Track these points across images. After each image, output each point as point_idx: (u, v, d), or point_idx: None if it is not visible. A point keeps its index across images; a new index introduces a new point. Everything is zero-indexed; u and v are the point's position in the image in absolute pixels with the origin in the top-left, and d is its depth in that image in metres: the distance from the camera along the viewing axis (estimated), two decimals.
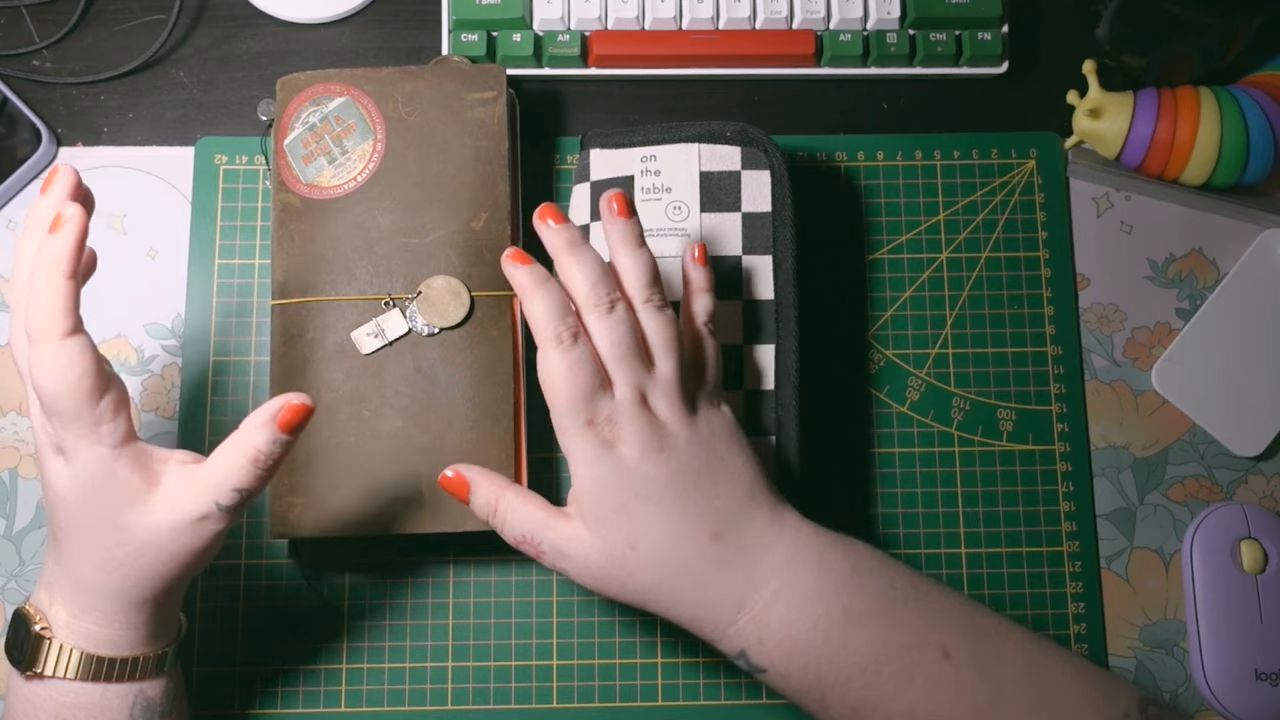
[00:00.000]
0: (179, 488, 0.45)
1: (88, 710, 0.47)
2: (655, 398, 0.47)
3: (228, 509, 0.45)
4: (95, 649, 0.47)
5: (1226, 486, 0.62)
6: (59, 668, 0.46)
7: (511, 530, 0.48)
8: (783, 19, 0.64)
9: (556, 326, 0.47)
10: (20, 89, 0.65)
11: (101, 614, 0.47)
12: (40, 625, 0.47)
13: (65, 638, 0.47)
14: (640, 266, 0.49)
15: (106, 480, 0.45)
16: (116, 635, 0.47)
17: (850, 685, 0.46)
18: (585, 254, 0.48)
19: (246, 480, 0.45)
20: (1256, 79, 0.63)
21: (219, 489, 0.45)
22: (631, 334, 0.47)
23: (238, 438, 0.45)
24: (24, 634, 0.47)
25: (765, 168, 0.57)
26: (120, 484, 0.45)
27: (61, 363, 0.43)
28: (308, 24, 0.66)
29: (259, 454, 0.45)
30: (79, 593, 0.47)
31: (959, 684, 0.45)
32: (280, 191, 0.57)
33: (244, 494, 0.45)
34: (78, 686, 0.47)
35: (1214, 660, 0.59)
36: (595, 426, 0.46)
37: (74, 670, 0.46)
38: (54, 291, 0.43)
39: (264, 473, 0.45)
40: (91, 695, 0.47)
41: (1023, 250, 0.64)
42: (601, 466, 0.46)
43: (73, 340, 0.43)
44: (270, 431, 0.45)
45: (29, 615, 0.47)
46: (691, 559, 0.46)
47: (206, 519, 0.45)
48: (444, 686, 0.58)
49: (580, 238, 0.48)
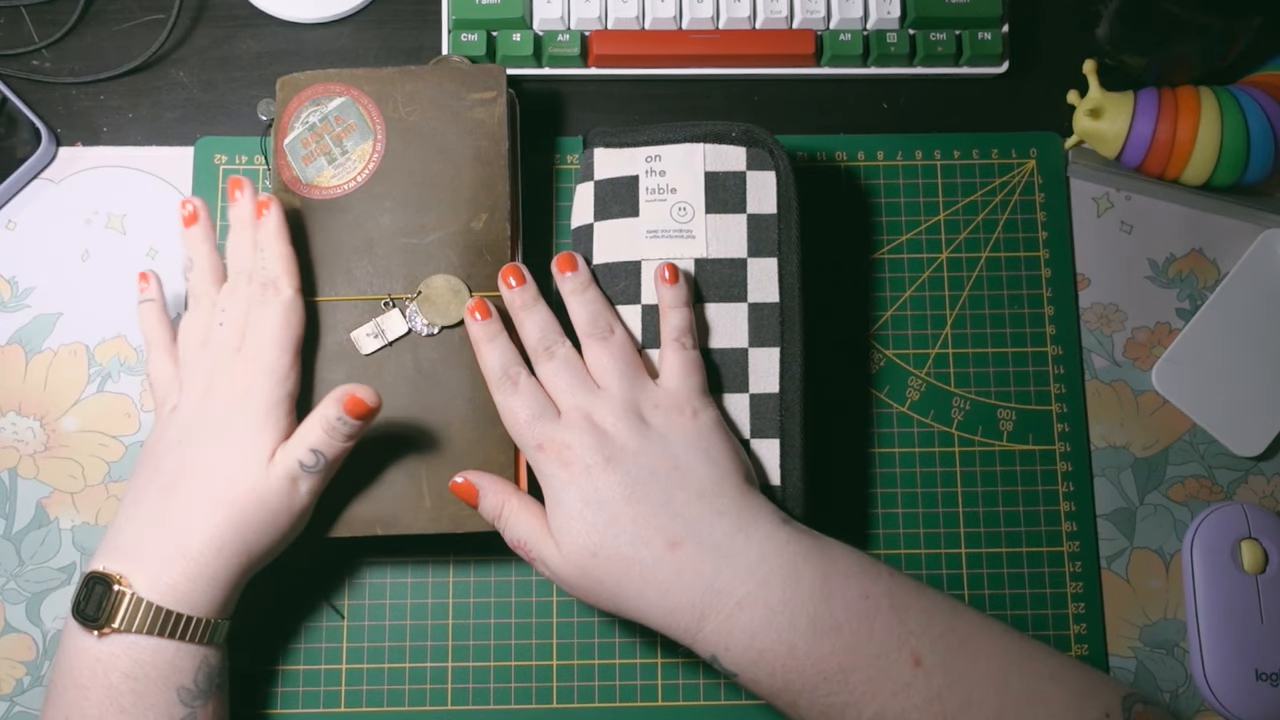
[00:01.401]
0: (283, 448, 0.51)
1: (159, 668, 0.49)
2: (603, 415, 0.51)
3: (310, 469, 0.51)
4: (177, 606, 0.49)
5: (1227, 486, 0.62)
6: (138, 622, 0.48)
7: (511, 535, 0.52)
8: (783, 19, 0.64)
9: (501, 375, 0.53)
10: (20, 89, 0.65)
11: (195, 567, 0.49)
12: (120, 584, 0.49)
13: (147, 594, 0.49)
14: (584, 307, 0.55)
15: (265, 420, 0.51)
16: (200, 595, 0.50)
17: (817, 693, 0.47)
18: (536, 312, 0.54)
19: (320, 443, 0.51)
20: (1256, 79, 0.63)
21: (300, 449, 0.51)
22: (571, 367, 0.53)
23: (320, 407, 0.51)
24: (101, 593, 0.48)
25: (770, 169, 0.57)
26: (270, 430, 0.51)
27: (295, 308, 0.53)
28: (308, 24, 0.66)
29: (329, 423, 0.51)
30: (181, 544, 0.49)
31: (929, 691, 0.46)
32: (280, 191, 0.57)
33: (319, 455, 0.51)
34: (155, 643, 0.49)
35: (1214, 660, 0.59)
36: (546, 449, 0.51)
37: (154, 625, 0.48)
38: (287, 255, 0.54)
39: (336, 440, 0.51)
40: (165, 653, 0.49)
41: (1023, 250, 0.64)
42: (556, 481, 0.50)
43: (300, 296, 0.54)
44: (338, 408, 0.50)
45: (110, 576, 0.49)
46: (651, 566, 0.48)
47: (297, 479, 0.51)
48: (444, 686, 0.58)
49: (534, 297, 0.55)
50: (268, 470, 0.50)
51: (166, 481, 0.51)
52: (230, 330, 0.53)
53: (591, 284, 0.55)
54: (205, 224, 0.56)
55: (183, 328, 0.55)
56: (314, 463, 0.51)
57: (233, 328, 0.53)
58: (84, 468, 0.60)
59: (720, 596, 0.48)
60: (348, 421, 0.50)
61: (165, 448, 0.52)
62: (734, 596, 0.47)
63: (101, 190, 0.64)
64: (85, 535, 0.60)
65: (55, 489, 0.60)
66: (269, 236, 0.54)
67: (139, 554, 0.50)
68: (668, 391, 0.53)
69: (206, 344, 0.53)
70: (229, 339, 0.53)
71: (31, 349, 0.62)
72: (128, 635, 0.48)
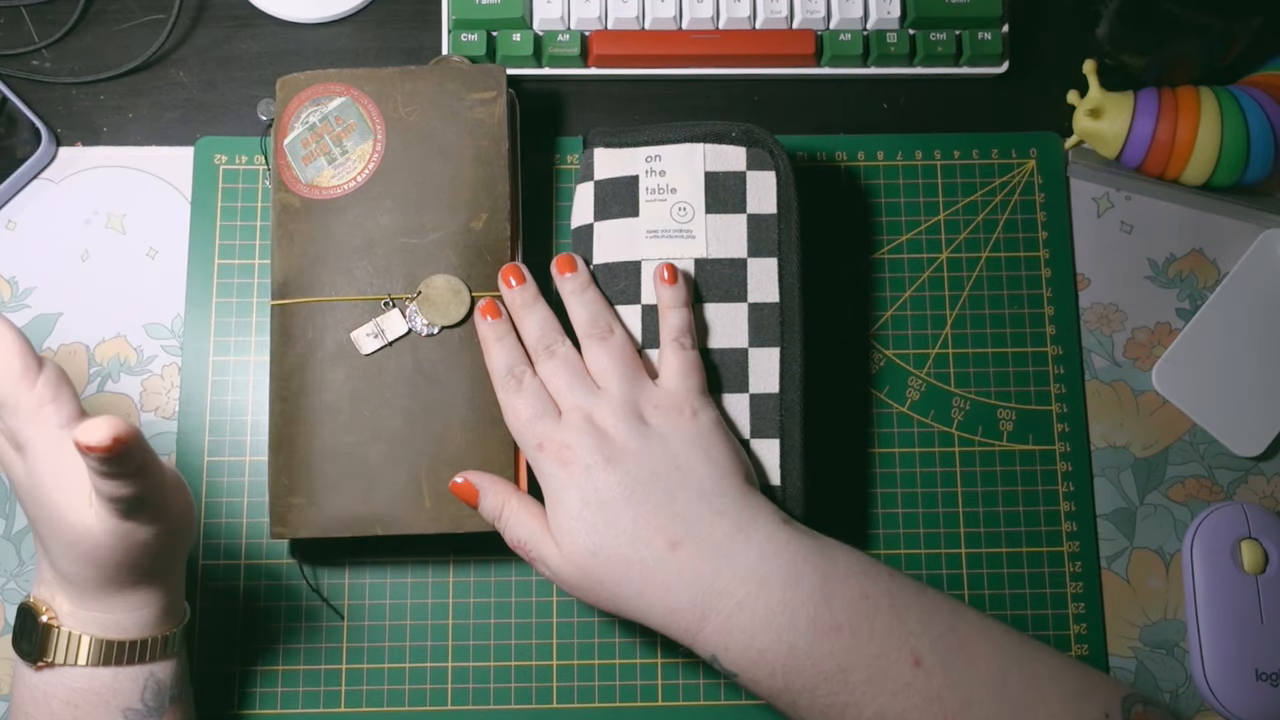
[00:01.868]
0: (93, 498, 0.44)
1: (100, 695, 0.48)
2: (603, 416, 0.51)
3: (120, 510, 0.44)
4: (104, 633, 0.48)
5: (1227, 486, 0.62)
6: (70, 655, 0.47)
7: (511, 535, 0.52)
8: (783, 19, 0.64)
9: (506, 374, 0.53)
10: (20, 89, 0.64)
11: (99, 602, 0.48)
12: (47, 616, 0.48)
13: (73, 625, 0.48)
14: (583, 307, 0.54)
15: (58, 466, 0.44)
16: (122, 619, 0.48)
17: (817, 693, 0.47)
18: (536, 311, 0.54)
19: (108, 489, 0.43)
20: (1256, 79, 0.63)
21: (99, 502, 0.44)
22: (571, 367, 0.53)
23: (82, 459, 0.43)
24: (31, 626, 0.48)
25: (770, 169, 0.57)
26: (70, 470, 0.44)
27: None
28: (308, 24, 0.66)
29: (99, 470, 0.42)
30: (68, 584, 0.48)
31: (929, 691, 0.46)
32: (280, 191, 0.57)
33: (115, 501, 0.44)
34: (89, 672, 0.48)
35: (1214, 660, 0.59)
36: (547, 448, 0.51)
37: (85, 656, 0.47)
38: None
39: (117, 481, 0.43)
40: (103, 679, 0.48)
41: (1023, 250, 0.64)
42: (556, 481, 0.50)
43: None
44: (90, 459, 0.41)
45: (35, 607, 0.48)
46: (651, 567, 0.48)
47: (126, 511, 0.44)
48: (444, 686, 0.58)
49: (534, 296, 0.55)
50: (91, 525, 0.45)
51: (35, 530, 0.48)
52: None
53: (591, 284, 0.55)
54: None
55: None
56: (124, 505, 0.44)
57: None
58: None
59: (720, 597, 0.48)
60: (108, 462, 0.41)
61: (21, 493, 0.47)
62: (734, 597, 0.48)
63: (101, 190, 0.64)
64: None
65: None
66: None
67: (52, 588, 0.48)
68: (667, 392, 0.52)
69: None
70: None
71: None
72: (61, 667, 0.48)
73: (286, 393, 0.55)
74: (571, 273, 0.55)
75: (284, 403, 0.55)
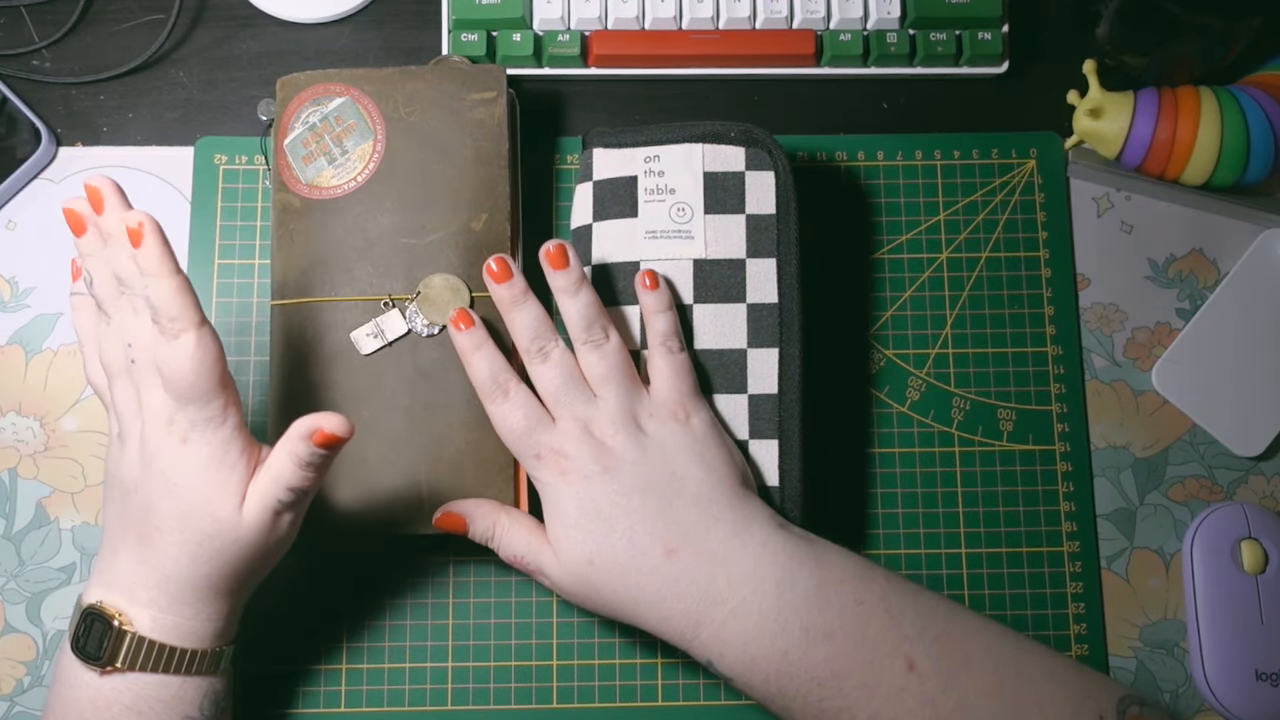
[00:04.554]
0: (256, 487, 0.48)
1: (165, 702, 0.48)
2: (599, 424, 0.51)
3: (289, 505, 0.48)
4: (179, 642, 0.48)
5: (1227, 486, 0.62)
6: (141, 660, 0.48)
7: (507, 552, 0.52)
8: (783, 19, 0.64)
9: (491, 384, 0.52)
10: (20, 89, 0.65)
11: (189, 606, 0.48)
12: (119, 620, 0.48)
13: (151, 632, 0.48)
14: (577, 310, 0.52)
15: (221, 463, 0.47)
16: (200, 628, 0.49)
17: (810, 697, 0.47)
18: (526, 310, 0.52)
19: (296, 479, 0.48)
20: (1256, 79, 0.63)
21: (278, 488, 0.48)
22: (567, 373, 0.52)
23: (285, 442, 0.47)
24: (103, 631, 0.48)
25: (769, 169, 0.57)
26: (230, 469, 0.47)
27: (201, 349, 0.46)
28: (308, 24, 0.66)
29: (302, 460, 0.47)
30: (168, 586, 0.48)
31: (923, 695, 0.46)
32: (280, 191, 0.57)
33: (298, 491, 0.48)
34: (161, 679, 0.48)
35: (1214, 660, 0.59)
36: (544, 458, 0.51)
37: (159, 664, 0.48)
38: (176, 290, 0.45)
39: (310, 474, 0.48)
40: (170, 688, 0.49)
41: (1023, 250, 0.64)
42: (554, 491, 0.50)
43: (206, 328, 0.46)
44: (307, 445, 0.47)
45: (106, 611, 0.48)
46: (648, 574, 0.49)
47: (279, 513, 0.48)
48: (444, 686, 0.58)
49: (523, 292, 0.52)
50: (241, 514, 0.47)
51: (138, 530, 0.48)
52: (143, 364, 0.48)
53: (584, 284, 0.53)
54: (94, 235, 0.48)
55: (102, 347, 0.50)
56: (293, 499, 0.48)
57: (143, 364, 0.48)
58: (84, 468, 0.60)
59: (715, 604, 0.48)
60: (319, 454, 0.47)
61: (123, 491, 0.49)
62: (728, 604, 0.48)
63: None
64: (85, 535, 0.60)
65: (55, 489, 0.60)
66: (153, 270, 0.45)
67: (133, 592, 0.48)
68: (660, 399, 0.53)
69: (128, 370, 0.48)
70: (146, 372, 0.48)
71: (31, 349, 0.62)
72: (130, 673, 0.48)
73: (286, 393, 0.55)
74: (564, 269, 0.52)
75: (284, 403, 0.55)
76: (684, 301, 0.56)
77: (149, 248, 0.45)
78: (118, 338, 0.48)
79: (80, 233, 0.48)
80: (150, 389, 0.47)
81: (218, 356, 0.47)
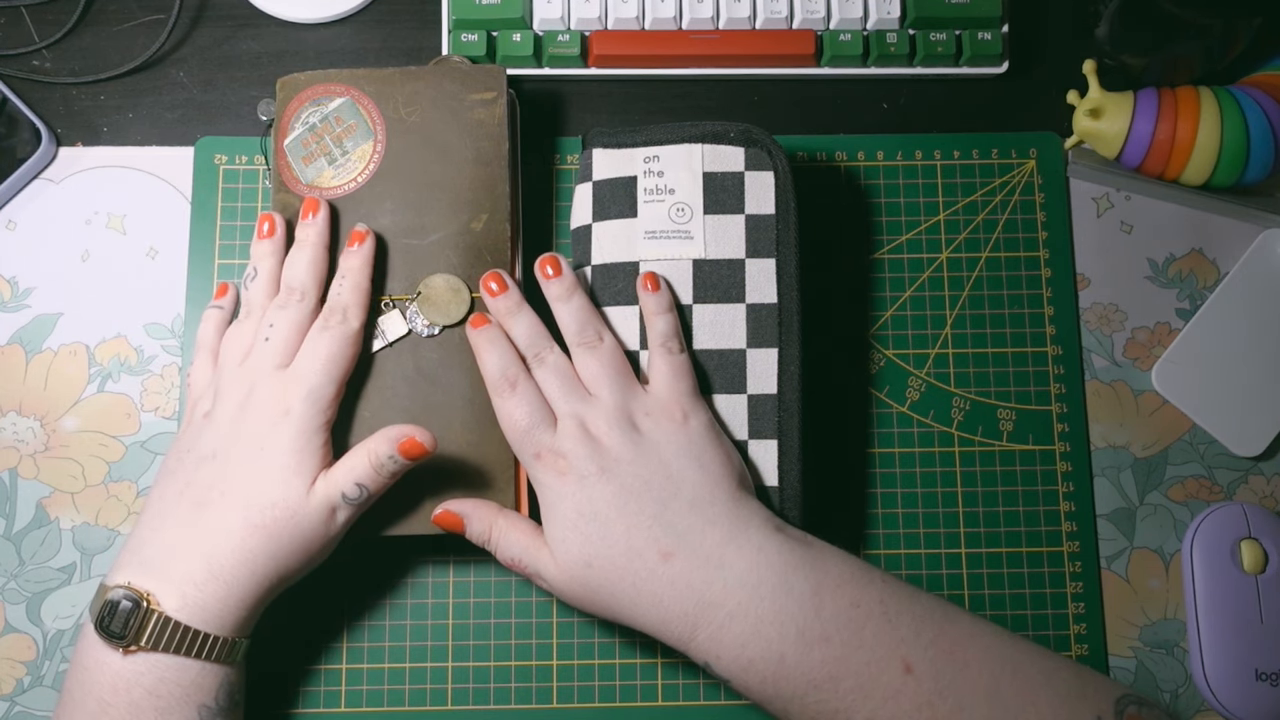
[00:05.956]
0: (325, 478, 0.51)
1: (183, 687, 0.49)
2: (597, 424, 0.51)
3: (352, 501, 0.50)
4: (203, 625, 0.49)
5: (1226, 486, 0.62)
6: (165, 641, 0.48)
7: (504, 554, 0.52)
8: (783, 19, 0.64)
9: (500, 377, 0.53)
10: (20, 89, 0.65)
11: (224, 586, 0.49)
12: (148, 602, 0.48)
13: (175, 613, 0.48)
14: (571, 315, 0.54)
15: (309, 443, 0.51)
16: (226, 613, 0.49)
17: (807, 700, 0.47)
18: (521, 319, 0.54)
19: (366, 478, 0.50)
20: (1256, 79, 0.63)
21: (346, 481, 0.50)
22: (563, 375, 0.53)
23: (368, 441, 0.51)
24: (130, 610, 0.48)
25: (769, 169, 0.57)
26: (313, 454, 0.51)
27: (354, 344, 0.53)
28: (308, 24, 0.66)
29: (379, 460, 0.50)
30: (211, 558, 0.49)
31: (919, 697, 0.46)
32: (280, 192, 0.57)
33: (364, 489, 0.50)
34: (181, 663, 0.49)
35: (1214, 660, 0.59)
36: (543, 458, 0.51)
37: (181, 644, 0.48)
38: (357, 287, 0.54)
39: (381, 477, 0.51)
40: (190, 671, 0.49)
41: (1023, 250, 0.64)
42: (551, 492, 0.51)
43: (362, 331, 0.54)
44: (390, 447, 0.50)
45: (136, 592, 0.48)
46: (644, 578, 0.49)
47: (336, 509, 0.50)
48: (444, 686, 0.58)
49: (518, 303, 0.54)
50: (307, 498, 0.50)
51: (199, 496, 0.50)
52: (275, 347, 0.52)
53: (577, 289, 0.55)
54: (280, 239, 0.56)
55: (228, 336, 0.55)
56: (357, 495, 0.50)
57: (278, 344, 0.53)
58: (84, 468, 0.60)
59: (711, 608, 0.48)
60: (399, 461, 0.50)
61: (198, 459, 0.51)
62: (725, 608, 0.48)
63: (101, 190, 0.64)
64: (85, 535, 0.60)
65: (55, 489, 0.60)
66: (355, 267, 0.54)
67: (167, 570, 0.49)
68: (658, 398, 0.53)
69: (249, 356, 0.53)
70: (272, 355, 0.52)
71: (31, 349, 0.62)
72: (153, 654, 0.48)
73: None
74: (556, 277, 0.54)
75: None
76: (683, 301, 0.56)
77: (365, 251, 0.55)
78: (252, 331, 0.54)
79: (271, 235, 0.55)
80: (269, 370, 0.52)
81: (355, 357, 0.53)
